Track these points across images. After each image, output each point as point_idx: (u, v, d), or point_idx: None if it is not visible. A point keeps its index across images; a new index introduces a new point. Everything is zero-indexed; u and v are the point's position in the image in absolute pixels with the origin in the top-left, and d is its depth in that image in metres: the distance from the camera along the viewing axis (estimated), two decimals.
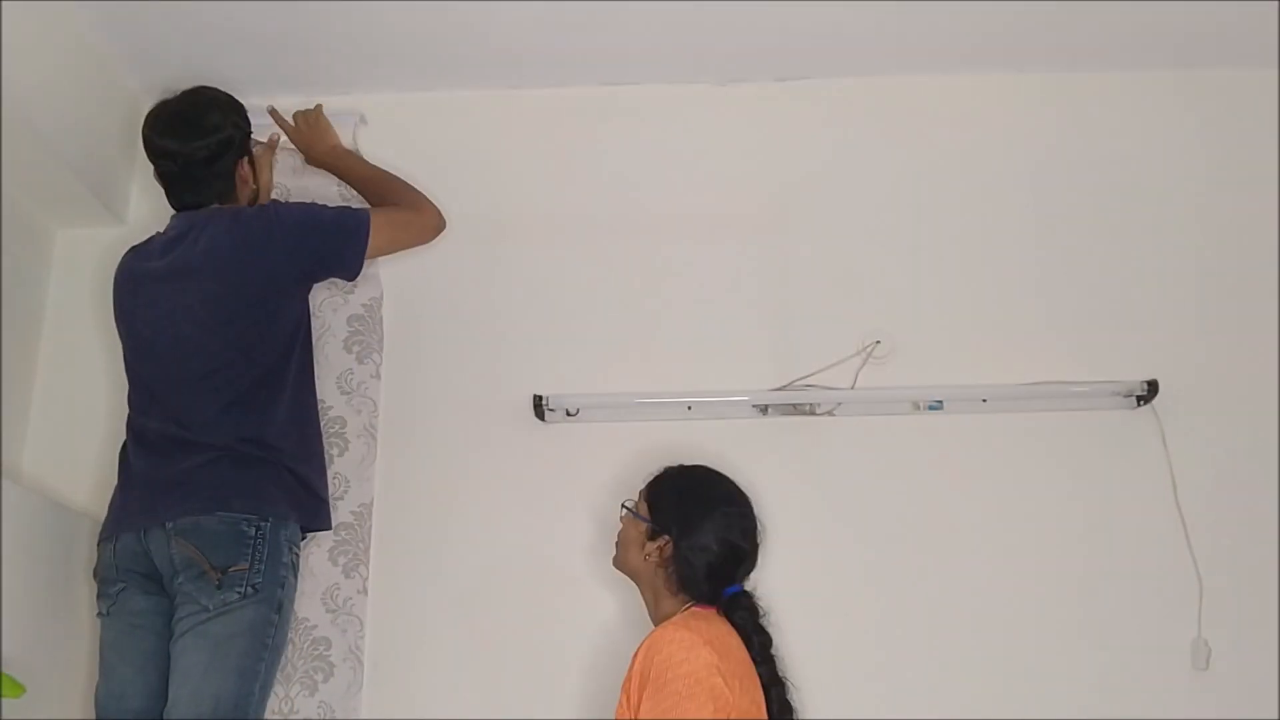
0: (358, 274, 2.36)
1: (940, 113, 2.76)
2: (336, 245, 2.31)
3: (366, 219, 2.34)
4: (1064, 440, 2.51)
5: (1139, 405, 2.51)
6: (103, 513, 2.43)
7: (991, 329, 2.61)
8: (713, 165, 2.75)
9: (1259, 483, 2.47)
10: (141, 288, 2.31)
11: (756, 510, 2.20)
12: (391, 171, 2.58)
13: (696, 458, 2.43)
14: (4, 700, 1.97)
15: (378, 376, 2.60)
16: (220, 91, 2.42)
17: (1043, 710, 2.35)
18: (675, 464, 2.24)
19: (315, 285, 2.43)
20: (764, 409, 2.55)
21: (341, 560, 2.47)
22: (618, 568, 2.23)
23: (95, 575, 2.23)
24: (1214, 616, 2.39)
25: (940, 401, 2.54)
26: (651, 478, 2.22)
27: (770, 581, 2.29)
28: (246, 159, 2.41)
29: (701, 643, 1.92)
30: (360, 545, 2.49)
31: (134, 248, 2.40)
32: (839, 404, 2.54)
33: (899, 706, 2.36)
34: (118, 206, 2.71)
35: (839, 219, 2.70)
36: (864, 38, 2.65)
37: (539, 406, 2.53)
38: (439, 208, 2.49)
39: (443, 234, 2.51)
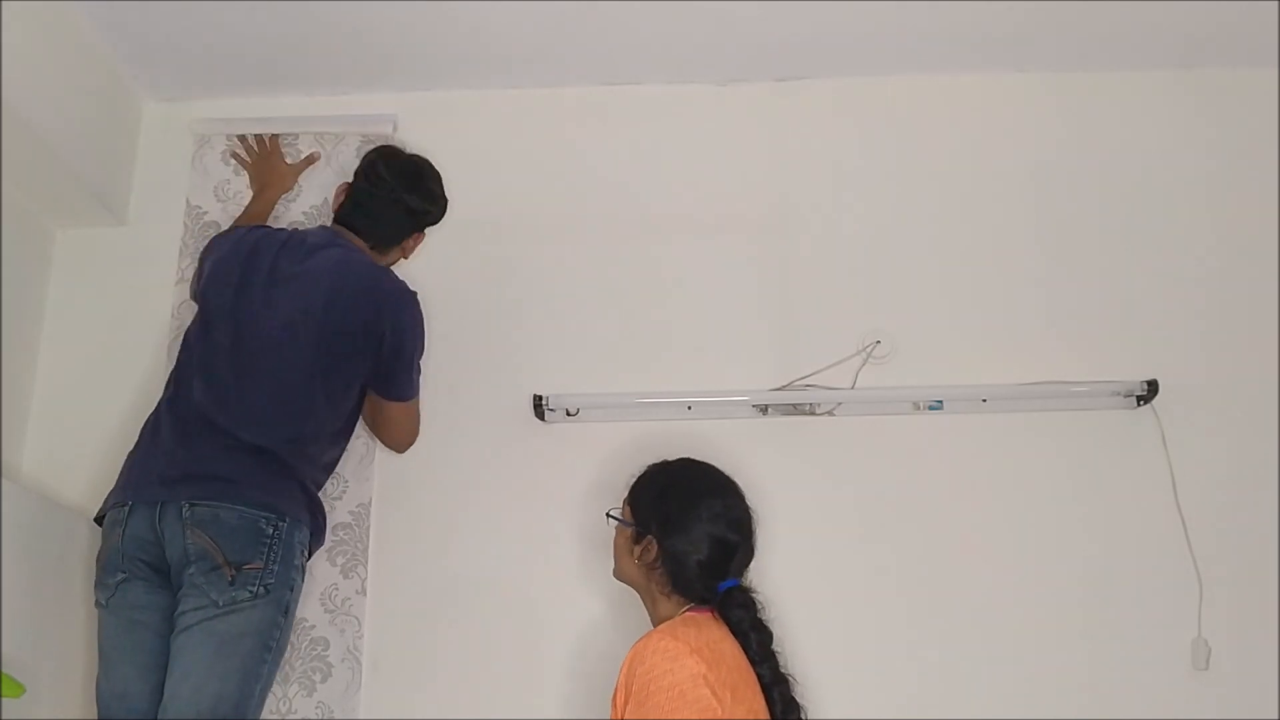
0: (387, 400, 2.39)
1: (940, 113, 2.76)
2: (401, 369, 2.36)
3: (417, 392, 2.42)
4: (1064, 440, 2.51)
5: (1139, 405, 2.51)
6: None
7: (991, 329, 2.61)
8: (713, 165, 2.75)
9: (1259, 483, 2.47)
10: (269, 279, 2.29)
11: (748, 499, 2.13)
12: None
13: (697, 457, 2.45)
14: (4, 700, 1.97)
15: None
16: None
17: (1043, 710, 2.35)
18: (657, 460, 2.19)
19: None
20: (764, 409, 2.55)
21: (340, 560, 2.47)
22: (617, 578, 2.18)
23: (97, 560, 2.19)
24: (1214, 616, 2.39)
25: (940, 401, 2.53)
26: (633, 479, 2.18)
27: (770, 581, 2.27)
28: (420, 235, 2.52)
29: (687, 652, 1.85)
30: (359, 545, 2.49)
31: (271, 231, 2.43)
32: (839, 404, 2.54)
33: (898, 706, 2.36)
34: (118, 206, 2.71)
35: (839, 219, 2.70)
36: (864, 38, 2.65)
37: (539, 406, 2.53)
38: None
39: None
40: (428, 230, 2.55)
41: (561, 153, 2.77)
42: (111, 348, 2.64)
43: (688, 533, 2.02)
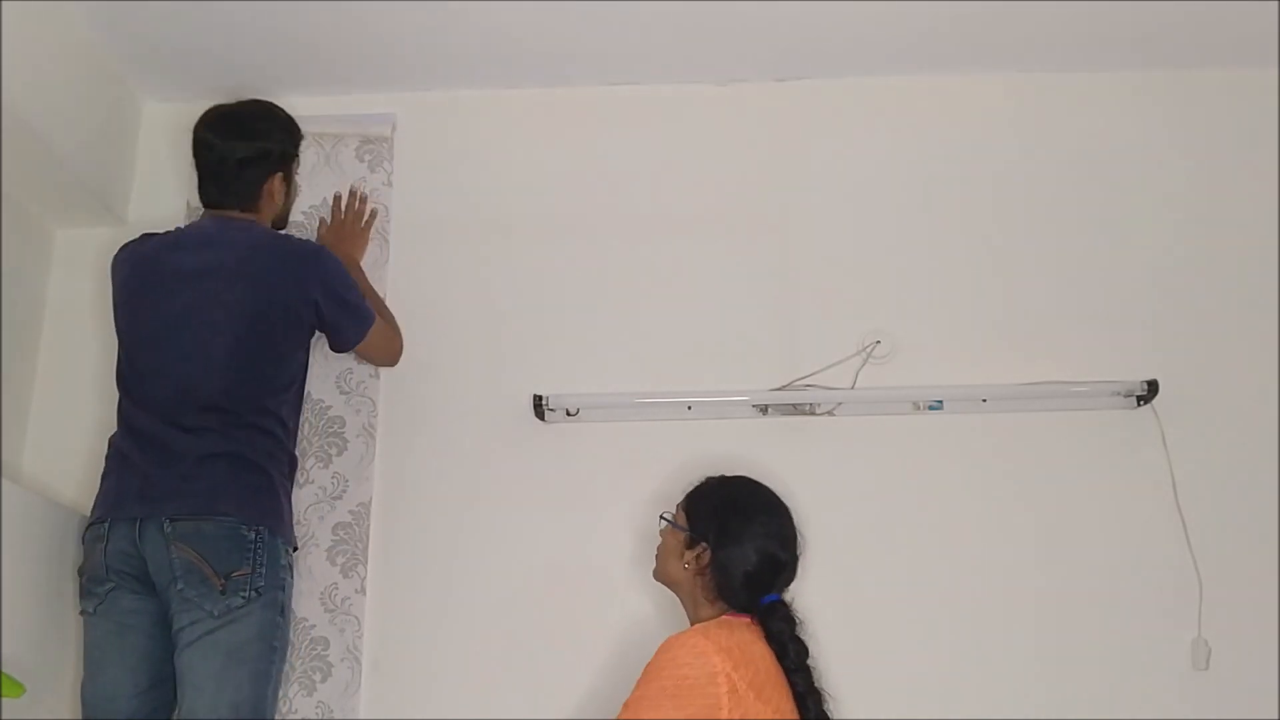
0: (344, 352, 2.45)
1: (940, 113, 2.76)
2: (346, 318, 2.37)
3: (373, 317, 2.42)
4: (1064, 440, 2.51)
5: (1139, 405, 2.50)
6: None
7: (991, 329, 2.61)
8: (713, 165, 2.75)
9: (1259, 483, 2.47)
10: (166, 281, 2.28)
11: (796, 521, 2.15)
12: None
13: (696, 457, 2.45)
14: (4, 700, 1.97)
15: (376, 376, 2.60)
16: (278, 107, 2.46)
17: (1043, 710, 2.35)
18: (716, 474, 2.22)
19: None
20: (764, 409, 2.55)
21: (340, 560, 2.47)
22: (657, 579, 2.21)
23: (80, 572, 2.20)
24: (1214, 616, 2.39)
25: (940, 401, 2.53)
26: (691, 488, 2.20)
27: None
28: (280, 176, 2.42)
29: (714, 650, 1.89)
30: (358, 545, 2.49)
31: (152, 235, 2.38)
32: (839, 404, 2.54)
33: (896, 706, 2.35)
34: (118, 206, 2.71)
35: (839, 219, 2.70)
36: (864, 38, 2.65)
37: (539, 406, 2.53)
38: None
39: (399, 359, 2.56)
40: (297, 166, 2.49)
41: (561, 153, 2.77)
42: (111, 348, 2.63)
43: (741, 546, 2.07)
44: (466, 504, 2.53)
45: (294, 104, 2.78)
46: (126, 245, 2.37)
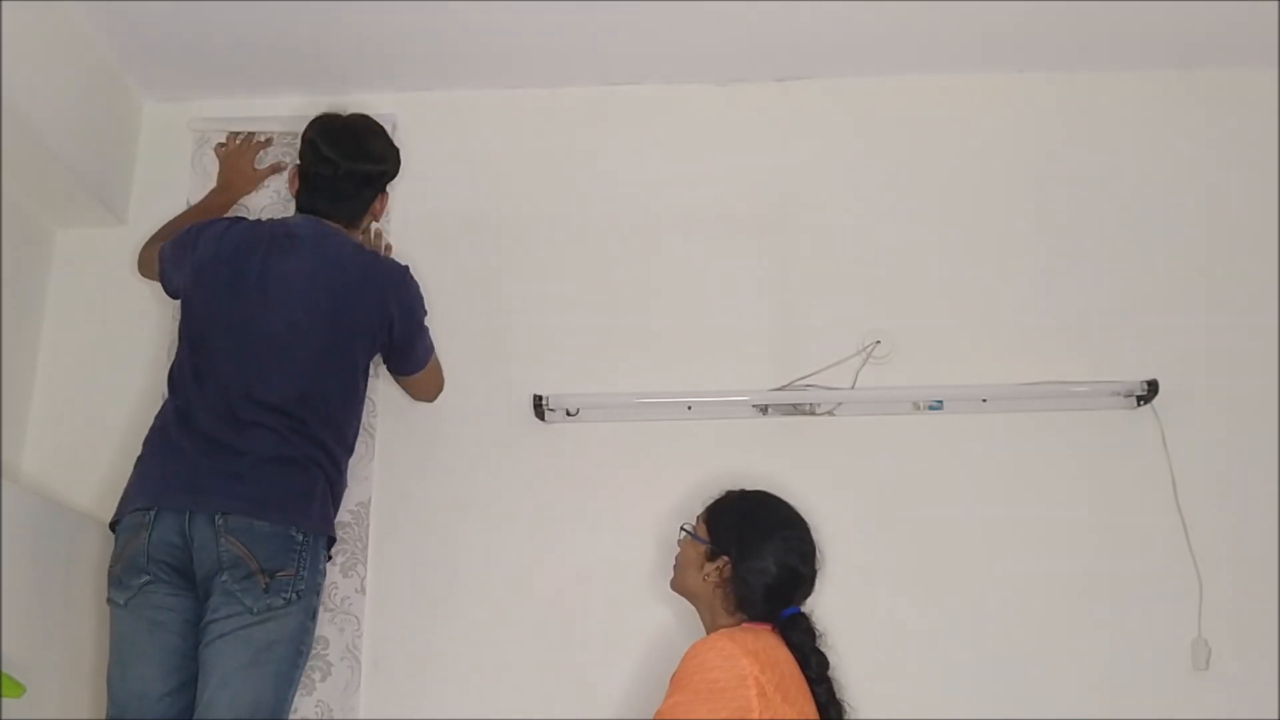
0: (404, 375, 2.48)
1: (940, 113, 2.76)
2: (417, 342, 2.41)
3: (434, 354, 2.47)
4: (1064, 440, 2.51)
5: (1139, 405, 2.51)
6: (101, 512, 2.43)
7: (991, 329, 2.61)
8: (713, 165, 2.75)
9: (1259, 483, 2.47)
10: (254, 273, 2.26)
11: (816, 536, 2.16)
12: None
13: (697, 458, 2.46)
14: (4, 700, 1.97)
15: (376, 375, 2.60)
16: (383, 127, 2.48)
17: (1043, 710, 2.35)
18: (736, 488, 2.22)
19: None
20: (764, 409, 2.55)
21: (339, 559, 2.47)
22: (675, 589, 2.21)
23: (117, 560, 2.14)
24: (1214, 616, 2.39)
25: (940, 401, 2.54)
26: (711, 501, 2.21)
27: None
28: (384, 195, 2.48)
29: (742, 654, 1.91)
30: (358, 544, 2.49)
31: (241, 220, 2.41)
32: (839, 404, 2.55)
33: (895, 706, 2.35)
34: (118, 206, 2.71)
35: (839, 219, 2.70)
36: (864, 38, 2.65)
37: (539, 406, 2.53)
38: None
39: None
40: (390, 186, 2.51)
41: (561, 153, 2.77)
42: (111, 348, 2.64)
43: (762, 559, 2.08)
44: (466, 504, 2.53)
45: (294, 104, 2.80)
46: (213, 222, 2.40)
